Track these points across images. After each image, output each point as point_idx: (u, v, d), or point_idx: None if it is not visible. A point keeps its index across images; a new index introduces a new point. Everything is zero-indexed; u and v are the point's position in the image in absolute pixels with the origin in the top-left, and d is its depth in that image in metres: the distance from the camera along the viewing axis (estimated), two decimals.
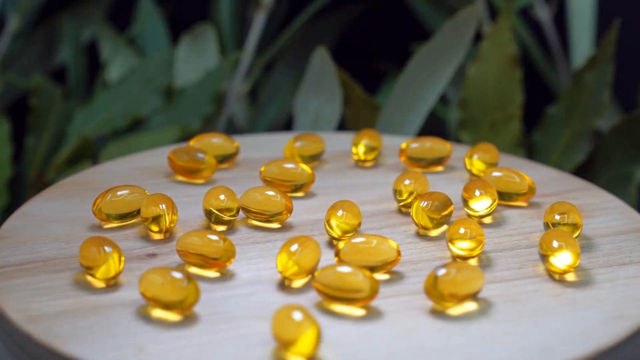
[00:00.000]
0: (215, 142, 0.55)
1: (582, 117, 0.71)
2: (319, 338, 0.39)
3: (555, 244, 0.45)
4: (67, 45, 0.80)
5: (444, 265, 0.43)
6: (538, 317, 0.42)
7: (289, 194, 0.52)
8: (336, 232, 0.48)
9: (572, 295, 0.43)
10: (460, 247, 0.46)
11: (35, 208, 0.51)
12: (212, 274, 0.45)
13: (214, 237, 0.45)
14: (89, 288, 0.45)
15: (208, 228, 0.49)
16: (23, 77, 0.81)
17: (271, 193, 0.49)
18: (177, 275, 0.42)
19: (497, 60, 0.72)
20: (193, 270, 0.45)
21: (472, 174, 0.55)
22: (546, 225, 0.48)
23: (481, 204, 0.49)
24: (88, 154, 0.73)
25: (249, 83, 0.79)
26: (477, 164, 0.54)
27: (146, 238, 0.49)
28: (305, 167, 0.53)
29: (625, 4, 0.81)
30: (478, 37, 0.79)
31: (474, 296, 0.43)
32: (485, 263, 0.46)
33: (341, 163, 0.57)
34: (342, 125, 0.73)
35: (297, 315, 0.39)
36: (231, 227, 0.50)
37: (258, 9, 0.80)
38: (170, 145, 0.62)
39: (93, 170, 0.56)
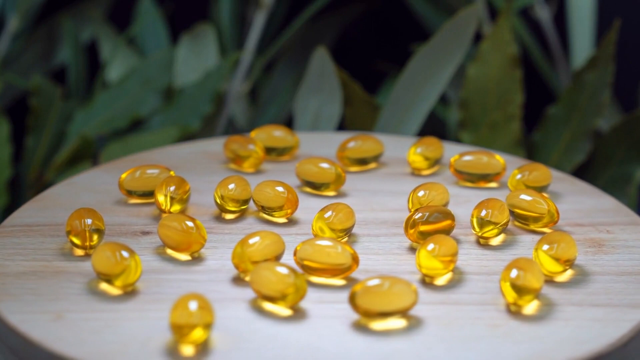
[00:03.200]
0: (276, 134, 0.57)
1: (582, 117, 0.71)
2: (207, 329, 0.40)
3: (513, 273, 0.43)
4: (67, 45, 0.80)
5: (379, 277, 0.42)
6: (456, 344, 0.41)
7: (317, 192, 0.53)
8: (319, 234, 0.48)
9: (511, 328, 0.42)
10: (425, 265, 0.45)
11: (84, 178, 0.54)
12: (185, 257, 0.47)
13: (190, 224, 0.46)
14: (66, 255, 0.47)
15: (219, 215, 0.51)
16: (23, 77, 0.81)
17: (280, 189, 0.50)
18: (125, 253, 0.44)
19: (497, 60, 0.72)
20: (170, 252, 0.47)
21: None
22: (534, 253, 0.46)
23: (484, 224, 0.48)
24: (88, 154, 0.73)
25: (249, 83, 0.79)
26: (518, 185, 0.53)
27: (156, 217, 0.50)
28: (338, 168, 0.53)
29: (625, 4, 0.81)
30: (478, 37, 0.79)
31: (400, 314, 0.42)
32: (452, 283, 0.45)
33: (397, 169, 0.56)
34: (342, 126, 0.73)
35: (193, 305, 0.40)
36: (240, 216, 0.51)
37: (258, 9, 0.80)
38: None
39: (160, 150, 0.58)
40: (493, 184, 0.54)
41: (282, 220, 0.50)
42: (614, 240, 0.49)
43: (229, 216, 0.51)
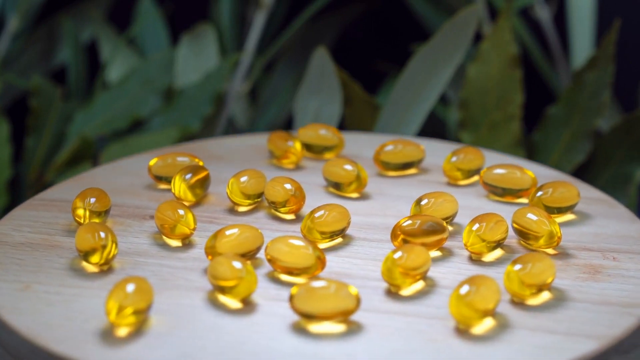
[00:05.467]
0: (321, 133, 0.57)
1: (582, 117, 0.71)
2: (139, 314, 0.42)
3: (463, 289, 0.42)
4: (67, 45, 0.80)
5: (325, 280, 0.42)
6: (381, 355, 0.41)
7: (340, 192, 0.53)
8: (305, 233, 0.48)
9: (447, 345, 0.41)
10: (385, 273, 0.44)
11: (130, 162, 0.56)
12: (176, 243, 0.48)
13: (181, 212, 0.48)
14: (70, 231, 0.49)
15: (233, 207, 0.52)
16: (23, 77, 0.81)
17: (288, 186, 0.50)
18: (102, 233, 0.46)
19: (497, 60, 0.72)
20: (164, 237, 0.49)
21: None
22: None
23: (473, 238, 0.47)
24: (88, 154, 0.73)
25: (249, 83, 0.79)
26: (538, 204, 0.51)
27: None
28: (361, 170, 0.53)
29: (625, 4, 0.81)
30: (478, 37, 0.79)
31: (338, 318, 0.42)
32: (417, 295, 0.44)
33: (435, 177, 0.55)
34: (342, 126, 0.73)
35: (130, 287, 0.42)
36: (252, 209, 0.51)
37: (258, 9, 0.80)
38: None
39: (218, 141, 0.60)
40: (523, 200, 0.53)
41: (290, 216, 0.51)
42: (614, 269, 0.47)
43: (241, 209, 0.51)
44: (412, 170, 0.56)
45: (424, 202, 0.49)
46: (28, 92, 0.79)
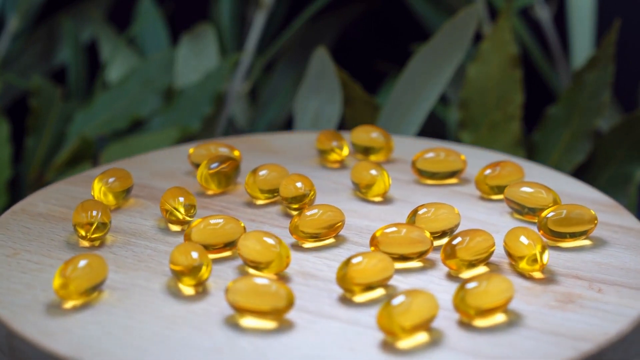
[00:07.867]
0: (372, 136, 0.57)
1: (582, 117, 0.71)
2: (83, 290, 0.42)
3: (395, 301, 0.40)
4: (67, 45, 0.80)
5: (267, 278, 0.42)
6: (280, 353, 0.40)
7: (362, 195, 0.53)
8: (293, 232, 0.48)
9: (359, 355, 0.40)
10: (339, 279, 0.43)
11: (178, 150, 0.58)
12: (175, 227, 0.49)
13: (181, 199, 0.49)
14: None
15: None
16: (23, 77, 0.81)
17: (299, 184, 0.50)
18: (95, 211, 0.47)
19: (497, 60, 0.72)
20: (171, 225, 0.50)
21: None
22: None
23: (450, 253, 0.45)
24: (88, 154, 0.73)
25: (249, 83, 0.79)
26: (543, 225, 0.48)
27: (199, 191, 0.53)
28: (385, 175, 0.52)
29: (625, 4, 0.81)
30: (478, 37, 0.79)
31: (269, 316, 0.42)
32: (370, 303, 0.43)
33: (470, 189, 0.53)
34: (342, 126, 0.73)
35: (81, 264, 0.43)
36: (271, 204, 0.52)
37: (258, 9, 0.80)
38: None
39: (280, 136, 0.60)
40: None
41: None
42: (593, 301, 0.44)
43: (259, 202, 0.52)
44: (451, 180, 0.54)
45: (421, 211, 0.48)
46: (28, 92, 0.79)
